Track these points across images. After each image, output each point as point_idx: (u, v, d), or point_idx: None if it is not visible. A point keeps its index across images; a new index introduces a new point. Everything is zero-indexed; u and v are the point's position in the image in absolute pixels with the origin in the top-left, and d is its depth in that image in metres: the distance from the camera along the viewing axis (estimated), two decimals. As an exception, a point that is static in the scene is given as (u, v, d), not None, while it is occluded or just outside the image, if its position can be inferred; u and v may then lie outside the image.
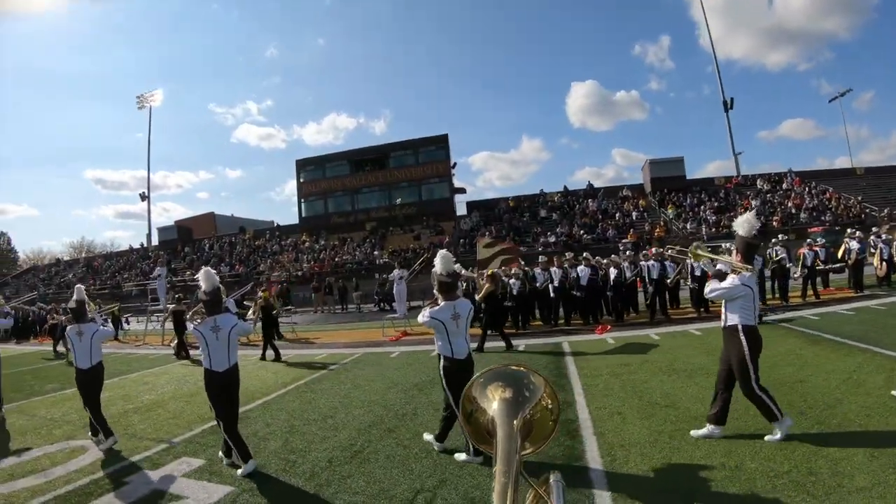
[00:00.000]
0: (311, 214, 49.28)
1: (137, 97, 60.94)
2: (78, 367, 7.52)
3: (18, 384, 13.27)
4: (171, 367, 14.62)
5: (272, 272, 39.67)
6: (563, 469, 4.99)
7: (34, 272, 62.46)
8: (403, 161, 47.03)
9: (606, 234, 33.57)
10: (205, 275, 6.27)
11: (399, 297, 18.79)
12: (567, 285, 15.93)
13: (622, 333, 13.70)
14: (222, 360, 6.05)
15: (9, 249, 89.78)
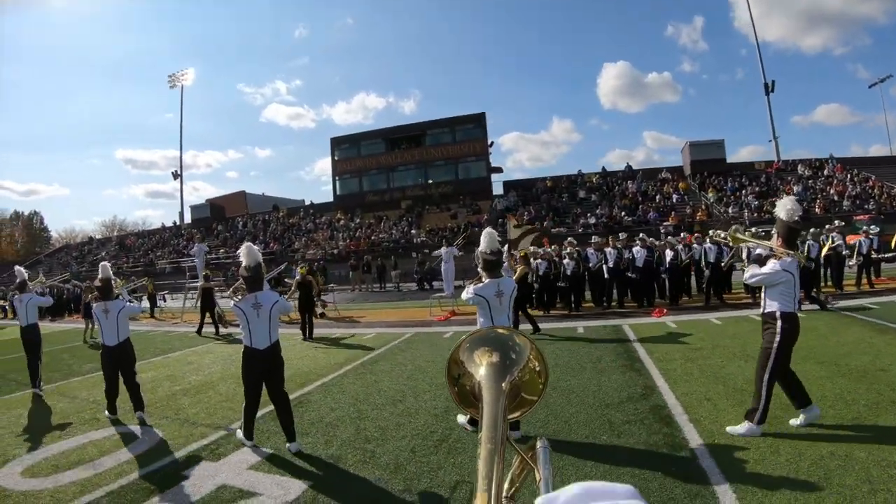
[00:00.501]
0: (345, 192, 49.32)
1: (169, 76, 61.32)
2: (105, 345, 7.60)
3: (56, 363, 13.13)
4: (214, 346, 14.60)
5: (307, 250, 39.84)
6: (671, 460, 5.01)
7: (67, 251, 63.61)
8: (440, 139, 46.75)
9: (647, 217, 33.21)
10: (246, 250, 6.18)
11: (447, 275, 18.67)
12: (622, 266, 15.77)
13: (680, 317, 13.56)
14: (263, 337, 5.97)
15: (41, 228, 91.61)
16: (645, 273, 15.70)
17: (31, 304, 10.50)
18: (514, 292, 6.30)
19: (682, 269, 16.25)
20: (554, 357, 9.75)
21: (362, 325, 16.62)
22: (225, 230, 50.88)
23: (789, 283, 5.54)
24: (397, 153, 47.88)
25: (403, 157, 47.59)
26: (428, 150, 46.76)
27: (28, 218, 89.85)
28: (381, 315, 18.61)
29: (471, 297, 6.16)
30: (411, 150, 47.48)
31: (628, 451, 5.31)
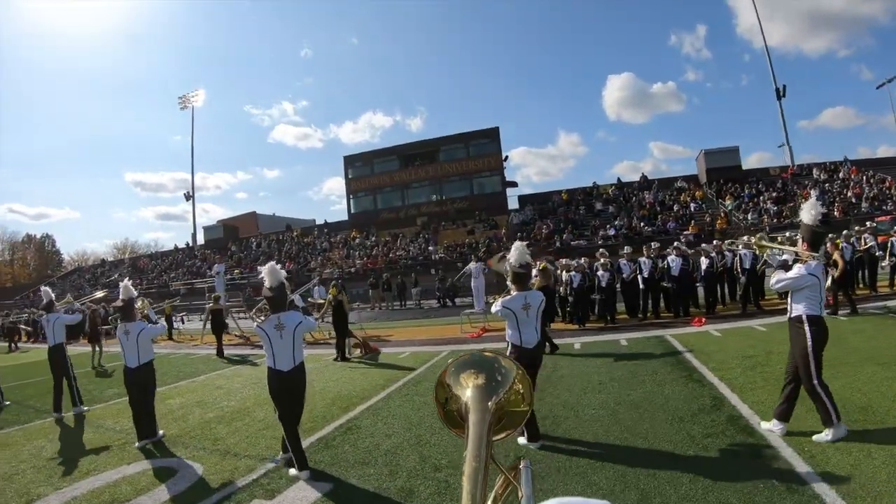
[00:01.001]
0: (360, 210, 49.33)
1: (180, 98, 61.81)
2: (126, 366, 7.50)
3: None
4: (241, 369, 14.32)
5: (323, 269, 39.79)
6: (767, 471, 4.88)
7: (79, 273, 63.92)
8: (454, 155, 46.74)
9: (667, 226, 33.06)
10: (269, 270, 6.11)
11: (477, 291, 18.56)
12: (656, 276, 15.62)
13: (722, 325, 13.44)
14: (287, 359, 5.88)
15: (53, 251, 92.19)
16: (681, 282, 15.50)
17: (57, 324, 10.44)
18: (542, 305, 6.43)
19: (717, 277, 16.10)
20: (608, 371, 9.65)
21: (393, 343, 16.41)
22: (239, 251, 50.94)
23: (815, 287, 5.58)
24: (411, 170, 47.90)
25: (417, 173, 47.62)
26: (442, 165, 46.77)
27: (40, 241, 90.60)
28: (410, 333, 18.44)
29: (499, 310, 6.34)
30: (425, 166, 47.48)
31: (719, 464, 5.19)
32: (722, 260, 15.92)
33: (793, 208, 30.53)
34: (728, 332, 12.54)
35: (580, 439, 6.23)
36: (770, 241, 7.07)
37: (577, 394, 8.19)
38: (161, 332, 9.10)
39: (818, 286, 5.58)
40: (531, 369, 6.18)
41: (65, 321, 10.67)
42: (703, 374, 8.71)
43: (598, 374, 9.47)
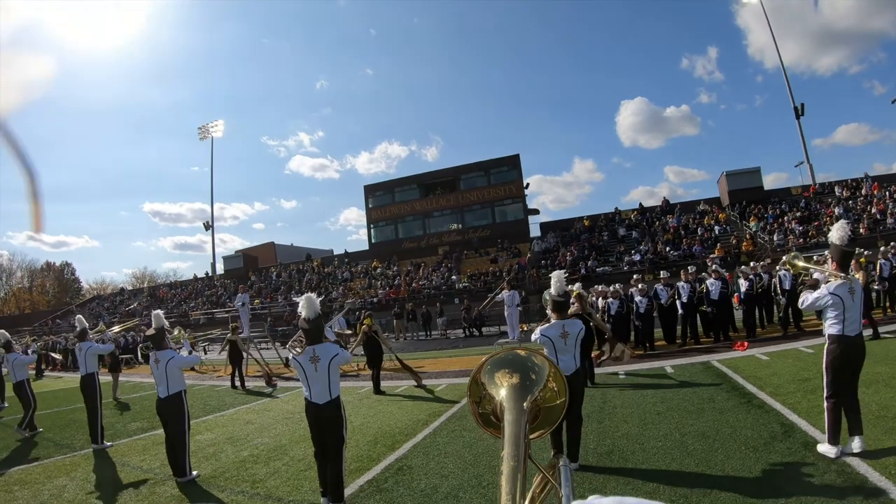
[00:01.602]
0: (381, 240, 49.36)
1: (199, 128, 61.99)
2: (158, 396, 7.36)
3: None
4: (270, 402, 14.02)
5: (345, 299, 39.71)
6: (863, 499, 4.70)
7: (98, 301, 63.94)
8: (474, 183, 46.74)
9: (692, 250, 32.80)
10: (307, 301, 5.98)
11: (511, 320, 18.36)
12: (695, 301, 15.43)
13: (766, 349, 13.26)
14: (322, 392, 5.76)
15: (73, 279, 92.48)
16: (720, 305, 15.31)
17: (89, 353, 10.42)
18: (582, 333, 6.47)
19: (756, 299, 15.94)
20: (662, 400, 9.49)
21: (427, 375, 16.10)
22: (259, 280, 51.02)
23: (837, 306, 5.75)
24: (432, 199, 47.93)
25: (439, 202, 47.62)
26: (463, 194, 46.75)
27: (60, 268, 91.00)
28: (443, 364, 18.17)
29: (538, 338, 6.48)
30: (446, 195, 47.50)
31: (811, 493, 5.07)
32: (760, 281, 15.75)
33: (818, 227, 30.38)
34: (775, 355, 12.36)
35: (653, 469, 6.09)
36: (804, 262, 7.10)
37: (637, 425, 8.03)
38: (194, 362, 8.89)
39: (841, 305, 5.73)
40: (570, 395, 6.03)
41: (97, 350, 10.69)
42: (762, 400, 8.56)
43: (652, 404, 9.30)
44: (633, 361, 13.65)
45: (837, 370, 5.81)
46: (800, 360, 11.40)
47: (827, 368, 5.88)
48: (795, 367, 10.61)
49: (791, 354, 12.12)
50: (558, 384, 1.36)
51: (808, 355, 11.68)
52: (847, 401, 5.85)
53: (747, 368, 11.22)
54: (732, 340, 14.82)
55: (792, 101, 44.18)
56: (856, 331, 5.85)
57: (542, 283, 32.79)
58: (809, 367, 10.20)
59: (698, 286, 15.55)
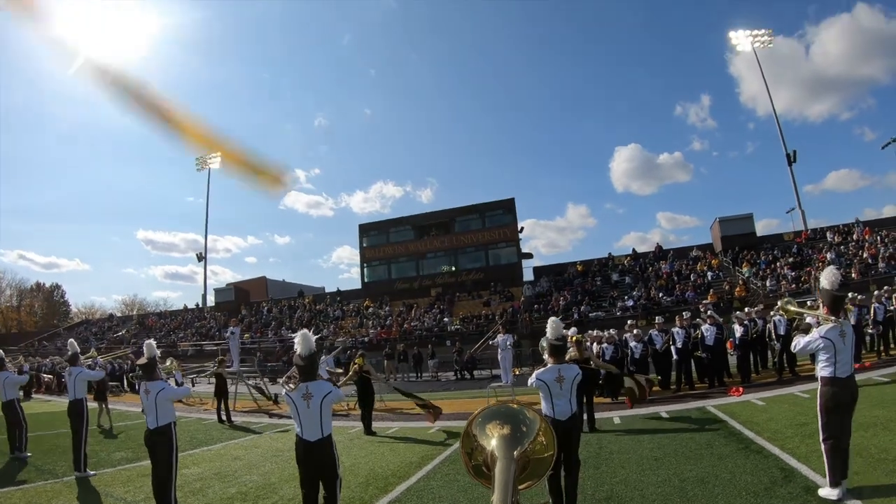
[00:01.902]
0: (374, 280, 49.28)
1: (197, 159, 61.64)
2: (147, 426, 7.13)
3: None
4: (258, 439, 13.71)
5: (336, 337, 39.49)
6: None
7: (86, 325, 63.14)
8: (469, 226, 46.97)
9: (685, 296, 32.87)
10: (302, 338, 5.92)
11: (504, 364, 18.20)
12: (689, 346, 15.39)
13: (761, 394, 13.25)
14: (314, 429, 5.64)
15: (62, 302, 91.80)
16: (715, 351, 15.29)
17: (79, 378, 10.22)
18: (578, 378, 6.42)
19: (750, 345, 15.99)
20: (659, 446, 9.38)
21: (417, 417, 15.91)
22: (249, 315, 50.70)
23: (828, 349, 5.90)
24: (426, 240, 48.01)
25: (433, 243, 47.71)
26: (457, 236, 46.89)
27: (49, 290, 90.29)
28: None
29: (533, 382, 6.43)
30: (441, 236, 47.63)
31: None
32: (755, 327, 15.78)
33: (810, 273, 30.45)
34: (771, 400, 12.35)
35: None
36: (797, 307, 7.15)
37: (635, 471, 7.91)
38: (184, 394, 8.86)
39: (832, 348, 5.87)
40: (565, 440, 6.02)
41: (87, 376, 10.56)
42: (761, 445, 8.48)
43: (649, 449, 9.19)
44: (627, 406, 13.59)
45: (831, 412, 5.91)
46: (796, 404, 11.37)
47: (821, 410, 6.00)
48: (792, 412, 10.57)
49: (787, 399, 12.11)
50: (547, 438, 1.36)
51: (804, 400, 11.63)
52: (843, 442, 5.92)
53: (744, 413, 11.16)
54: (727, 386, 14.84)
55: (784, 148, 44.76)
56: (847, 373, 5.95)
57: (534, 327, 32.73)
58: (806, 412, 10.09)
59: (693, 332, 15.56)
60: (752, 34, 46.27)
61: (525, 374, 22.46)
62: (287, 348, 35.86)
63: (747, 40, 46.43)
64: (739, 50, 48.32)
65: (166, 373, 8.48)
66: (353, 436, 13.16)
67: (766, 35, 46.42)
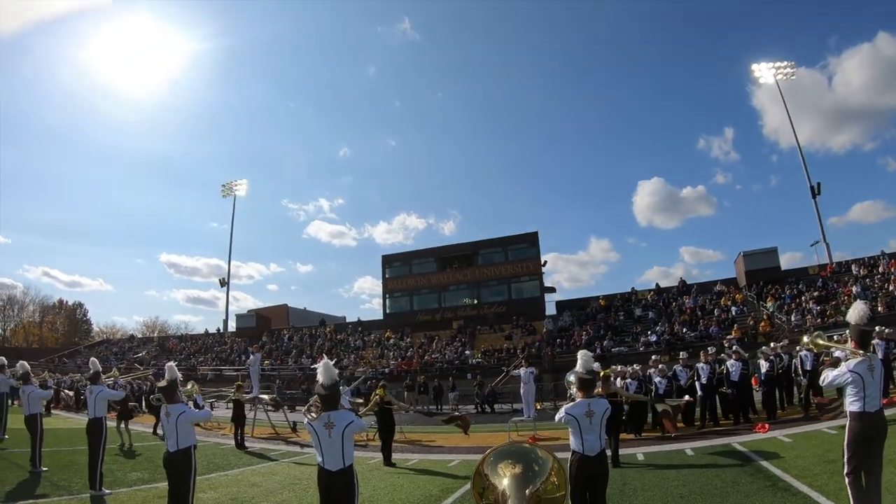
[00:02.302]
0: (395, 311, 49.35)
1: (223, 185, 62.74)
2: (167, 450, 7.12)
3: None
4: (276, 466, 13.74)
5: (357, 367, 39.48)
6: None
7: (107, 345, 63.60)
8: (492, 259, 47.01)
9: (709, 331, 32.53)
10: (324, 368, 5.93)
11: (527, 398, 17.97)
12: (714, 382, 15.20)
13: (788, 430, 12.99)
14: (336, 459, 5.61)
15: (84, 320, 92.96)
16: (740, 387, 15.10)
17: (100, 397, 10.27)
18: (608, 413, 6.33)
19: (775, 380, 15.79)
20: (685, 483, 9.24)
21: (437, 449, 15.83)
22: (270, 342, 50.85)
23: (857, 384, 5.81)
24: (449, 272, 48.12)
25: (455, 276, 47.81)
26: (480, 269, 46.92)
27: (72, 308, 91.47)
28: (455, 440, 17.48)
29: (562, 417, 6.28)
30: (463, 269, 47.72)
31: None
32: (781, 362, 15.56)
33: (836, 306, 30.00)
34: (797, 436, 12.13)
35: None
36: (826, 340, 7.18)
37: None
38: (205, 417, 8.83)
39: (861, 382, 5.79)
40: (594, 479, 6.02)
41: (108, 396, 10.63)
42: (788, 483, 8.35)
43: (674, 486, 9.06)
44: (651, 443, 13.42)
45: (859, 446, 5.82)
46: (823, 441, 11.17)
47: (848, 445, 5.91)
48: (820, 449, 10.40)
49: (814, 436, 11.90)
50: (560, 478, 1.37)
51: (831, 436, 11.41)
52: (868, 479, 5.82)
53: (770, 451, 10.97)
54: (753, 422, 14.59)
55: (808, 180, 44.14)
56: (876, 407, 5.88)
57: (556, 361, 32.53)
58: (834, 448, 9.81)
59: (718, 367, 15.38)
60: (774, 66, 46.14)
61: (546, 409, 22.29)
62: (308, 377, 35.88)
63: (770, 72, 46.24)
64: (762, 82, 48.04)
65: (187, 396, 8.47)
66: (372, 466, 13.11)
67: (789, 67, 46.33)
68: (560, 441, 11.44)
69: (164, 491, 7.38)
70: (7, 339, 79.63)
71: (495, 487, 1.30)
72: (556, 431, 13.85)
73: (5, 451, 13.51)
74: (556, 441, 12.10)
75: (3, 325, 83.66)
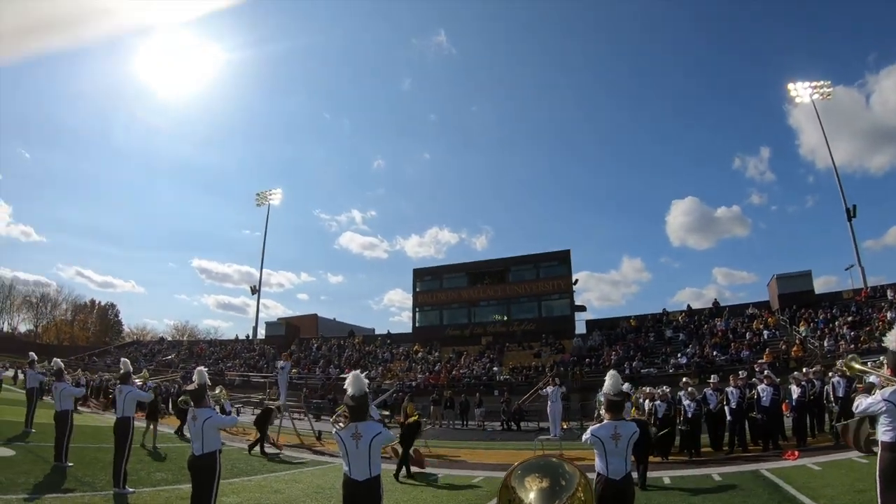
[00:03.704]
0: (425, 324, 49.42)
1: (257, 194, 63.48)
2: (192, 452, 7.21)
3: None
4: (300, 474, 13.75)
5: (384, 380, 39.59)
6: None
7: (136, 347, 64.77)
8: (523, 276, 46.85)
9: (740, 355, 32.09)
10: (354, 379, 5.98)
11: (553, 416, 17.94)
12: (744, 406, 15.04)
13: (818, 458, 12.76)
14: (362, 469, 5.65)
15: (115, 321, 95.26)
16: (771, 412, 14.90)
17: (129, 397, 10.42)
18: (635, 436, 6.16)
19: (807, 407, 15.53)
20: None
21: (462, 465, 15.81)
22: (298, 350, 51.27)
23: (891, 413, 5.61)
24: (480, 288, 48.06)
25: (486, 292, 47.70)
26: (511, 286, 46.78)
27: (104, 308, 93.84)
28: (479, 456, 17.70)
29: (588, 438, 6.12)
30: (494, 285, 47.63)
31: None
32: (812, 388, 15.33)
33: (870, 332, 29.29)
34: (827, 465, 11.92)
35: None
36: (861, 365, 6.99)
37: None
38: (231, 423, 8.94)
39: (895, 412, 5.59)
40: (619, 502, 5.79)
41: (137, 396, 10.75)
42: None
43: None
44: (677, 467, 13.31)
45: (891, 478, 5.62)
46: (854, 470, 10.99)
47: (881, 477, 5.70)
48: (850, 478, 10.24)
49: (844, 465, 11.70)
50: (587, 495, 1.42)
51: (862, 465, 11.24)
52: None
53: (799, 478, 10.82)
54: (782, 449, 14.38)
55: (844, 202, 43.15)
56: None
57: (584, 381, 32.35)
58: (864, 478, 9.72)
59: (748, 391, 15.22)
60: (811, 85, 45.40)
61: (573, 429, 22.16)
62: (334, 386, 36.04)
63: (806, 91, 45.44)
64: (798, 101, 47.33)
65: (214, 401, 8.60)
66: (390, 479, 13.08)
67: (826, 87, 45.55)
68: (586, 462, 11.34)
69: (188, 493, 7.51)
70: (39, 336, 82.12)
71: (521, 501, 1.38)
72: (582, 451, 13.76)
73: (31, 445, 13.83)
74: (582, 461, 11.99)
75: (36, 322, 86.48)
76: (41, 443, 13.28)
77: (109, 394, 27.29)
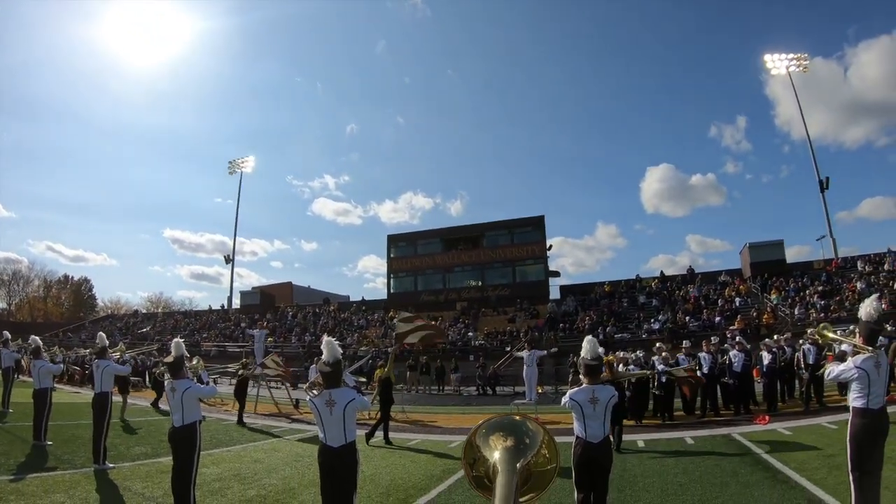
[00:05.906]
0: (399, 291, 49.49)
1: (230, 162, 62.94)
2: (172, 424, 7.14)
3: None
4: (279, 443, 13.78)
5: (360, 346, 39.65)
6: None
7: (111, 320, 64.22)
8: (497, 241, 46.97)
9: (713, 321, 32.61)
10: (327, 345, 5.96)
11: (529, 380, 18.06)
12: (716, 371, 15.27)
13: (788, 423, 13.09)
14: (337, 435, 5.66)
15: (89, 295, 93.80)
16: (742, 378, 15.20)
17: (107, 371, 10.32)
18: (613, 400, 6.24)
19: (777, 373, 15.86)
20: (684, 471, 9.32)
21: (438, 430, 15.90)
22: (274, 319, 51.16)
23: (863, 380, 5.77)
24: (454, 253, 48.10)
25: (460, 257, 47.77)
26: (485, 251, 46.90)
27: (78, 283, 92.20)
28: (455, 420, 17.85)
29: (566, 402, 6.27)
30: (468, 251, 47.70)
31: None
32: (783, 355, 15.60)
33: (840, 301, 30.20)
34: (797, 429, 12.23)
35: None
36: (833, 333, 7.23)
37: (658, 495, 7.91)
38: (210, 393, 8.83)
39: (866, 378, 5.74)
40: (597, 465, 5.98)
41: (114, 371, 10.65)
42: (787, 475, 8.43)
43: (673, 474, 9.14)
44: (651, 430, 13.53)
45: (862, 444, 5.80)
46: (824, 435, 11.24)
47: (851, 442, 5.86)
48: (820, 443, 10.48)
49: (814, 430, 11.99)
50: (550, 451, 1.39)
51: (831, 431, 11.54)
52: (869, 476, 5.81)
53: (770, 442, 11.07)
54: (753, 413, 14.70)
55: (817, 174, 43.90)
56: (879, 405, 5.85)
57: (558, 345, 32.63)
58: (834, 443, 9.98)
59: (720, 357, 15.44)
60: (787, 57, 45.82)
61: (546, 393, 22.41)
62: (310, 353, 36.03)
63: (783, 63, 45.98)
64: (774, 73, 47.75)
65: (192, 371, 8.53)
66: (373, 444, 13.16)
67: (802, 59, 45.96)
68: (562, 425, 11.51)
69: (168, 465, 7.39)
70: (12, 314, 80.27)
71: (486, 460, 1.34)
72: (557, 415, 13.93)
73: (7, 425, 13.70)
74: (557, 425, 12.14)
75: (9, 300, 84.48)
76: (18, 422, 13.13)
77: (86, 369, 27.08)
